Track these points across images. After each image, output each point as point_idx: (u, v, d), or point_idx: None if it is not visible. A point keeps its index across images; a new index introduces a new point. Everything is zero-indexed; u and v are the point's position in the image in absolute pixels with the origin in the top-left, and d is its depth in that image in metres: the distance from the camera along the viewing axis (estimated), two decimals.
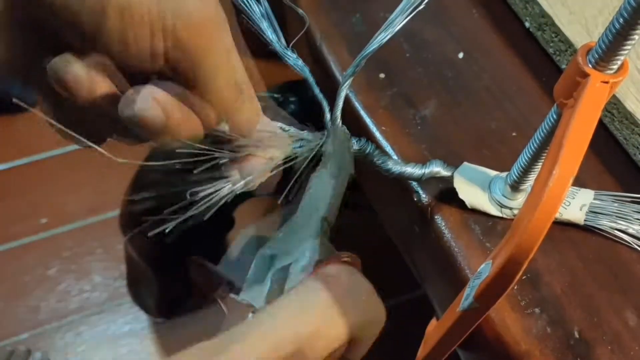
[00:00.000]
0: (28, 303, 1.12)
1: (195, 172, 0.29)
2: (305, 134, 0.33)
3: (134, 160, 0.29)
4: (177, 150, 0.29)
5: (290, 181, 0.31)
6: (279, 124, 0.33)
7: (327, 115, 0.33)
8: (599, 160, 0.39)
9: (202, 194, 0.29)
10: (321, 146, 0.33)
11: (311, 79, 0.33)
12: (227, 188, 0.30)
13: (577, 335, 0.32)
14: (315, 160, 0.33)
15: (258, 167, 0.30)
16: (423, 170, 0.35)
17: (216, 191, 0.30)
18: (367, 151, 0.34)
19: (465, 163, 0.37)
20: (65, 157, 1.27)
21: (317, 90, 0.32)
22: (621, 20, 0.24)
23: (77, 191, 1.24)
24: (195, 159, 0.28)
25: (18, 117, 1.32)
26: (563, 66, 0.42)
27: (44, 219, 1.21)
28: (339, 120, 0.33)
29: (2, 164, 1.27)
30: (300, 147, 0.32)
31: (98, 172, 1.24)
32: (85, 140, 0.28)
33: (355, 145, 0.34)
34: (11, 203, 1.22)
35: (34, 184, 1.25)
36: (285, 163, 0.32)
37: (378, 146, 0.39)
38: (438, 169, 0.35)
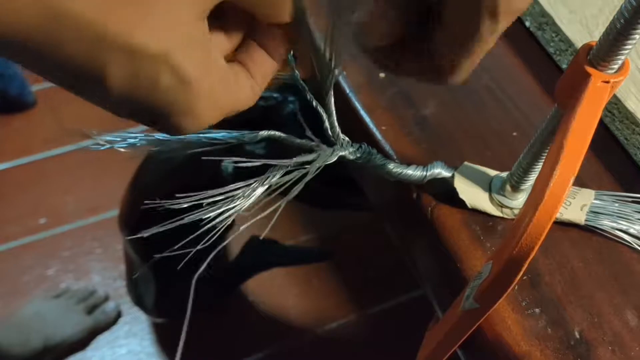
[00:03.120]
0: None
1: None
2: (322, 145, 0.33)
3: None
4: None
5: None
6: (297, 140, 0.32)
7: (327, 125, 0.32)
8: (600, 160, 0.39)
9: (210, 215, 0.29)
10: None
11: (310, 95, 0.32)
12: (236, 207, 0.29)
13: (577, 335, 0.32)
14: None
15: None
16: (424, 173, 0.35)
17: (227, 210, 0.29)
18: (369, 156, 0.34)
19: (466, 163, 0.36)
20: (65, 157, 1.27)
21: (315, 103, 0.32)
22: (622, 20, 0.24)
23: (77, 191, 1.24)
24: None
25: (18, 117, 1.32)
26: (564, 66, 0.42)
27: (43, 218, 1.21)
28: (337, 130, 0.33)
29: (2, 164, 1.27)
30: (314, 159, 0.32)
31: (97, 172, 1.24)
32: None
33: (356, 152, 0.33)
34: (10, 203, 1.22)
35: (34, 184, 1.25)
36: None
37: (378, 146, 0.39)
38: (439, 170, 0.35)
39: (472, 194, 0.35)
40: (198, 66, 0.23)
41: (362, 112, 0.40)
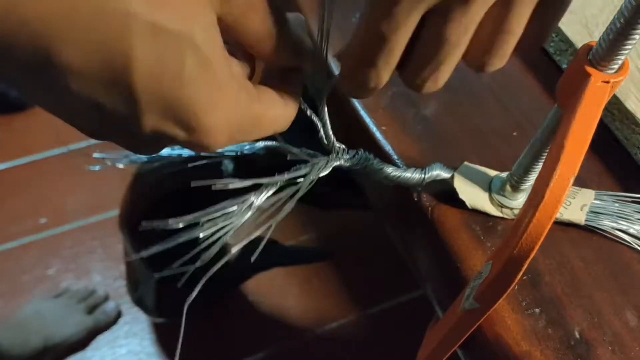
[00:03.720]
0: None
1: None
2: (319, 155, 0.33)
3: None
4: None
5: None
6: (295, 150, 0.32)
7: (322, 134, 0.32)
8: (600, 160, 0.39)
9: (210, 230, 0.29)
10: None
11: (304, 105, 0.32)
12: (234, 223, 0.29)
13: (577, 335, 0.32)
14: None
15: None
16: (423, 175, 0.35)
17: (225, 227, 0.29)
18: (366, 162, 0.34)
19: (466, 163, 0.36)
20: (65, 157, 1.27)
21: (309, 112, 0.32)
22: (622, 19, 0.24)
23: (77, 191, 1.24)
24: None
25: (17, 117, 1.32)
26: (564, 66, 0.42)
27: (44, 218, 1.21)
28: (332, 139, 0.33)
29: (2, 164, 1.27)
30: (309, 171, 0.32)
31: (97, 172, 1.24)
32: None
33: (352, 159, 0.33)
34: (11, 203, 1.22)
35: (34, 184, 1.25)
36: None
37: (378, 146, 0.39)
38: (437, 172, 0.35)
39: (472, 194, 0.35)
40: (219, 52, 0.23)
41: (362, 112, 0.40)
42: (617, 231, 0.35)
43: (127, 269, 1.01)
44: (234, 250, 0.29)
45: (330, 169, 0.32)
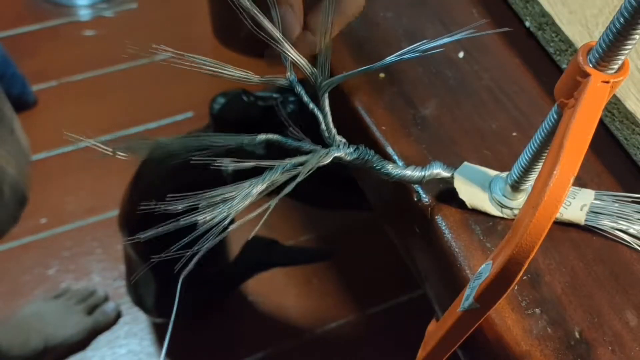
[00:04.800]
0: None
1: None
2: (319, 147, 0.33)
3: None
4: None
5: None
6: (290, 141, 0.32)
7: (323, 127, 0.32)
8: (600, 161, 0.39)
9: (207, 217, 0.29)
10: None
11: (306, 98, 0.32)
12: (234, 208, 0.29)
13: (577, 335, 0.32)
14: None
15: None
16: (423, 173, 0.35)
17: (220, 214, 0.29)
18: (366, 158, 0.34)
19: (466, 163, 0.36)
20: (65, 157, 1.27)
21: (311, 105, 0.32)
22: (622, 19, 0.24)
23: (77, 191, 1.24)
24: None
25: (18, 117, 1.32)
26: (563, 66, 0.42)
27: (44, 218, 1.21)
28: (333, 131, 0.33)
29: None
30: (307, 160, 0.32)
31: (97, 172, 1.24)
32: None
33: (353, 153, 0.33)
34: None
35: (34, 184, 1.25)
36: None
37: (378, 146, 0.39)
38: (438, 170, 0.35)
39: (472, 194, 0.35)
40: None
41: (362, 112, 0.40)
42: (617, 231, 0.35)
43: (127, 269, 1.01)
44: (231, 228, 0.29)
45: (331, 158, 0.32)
